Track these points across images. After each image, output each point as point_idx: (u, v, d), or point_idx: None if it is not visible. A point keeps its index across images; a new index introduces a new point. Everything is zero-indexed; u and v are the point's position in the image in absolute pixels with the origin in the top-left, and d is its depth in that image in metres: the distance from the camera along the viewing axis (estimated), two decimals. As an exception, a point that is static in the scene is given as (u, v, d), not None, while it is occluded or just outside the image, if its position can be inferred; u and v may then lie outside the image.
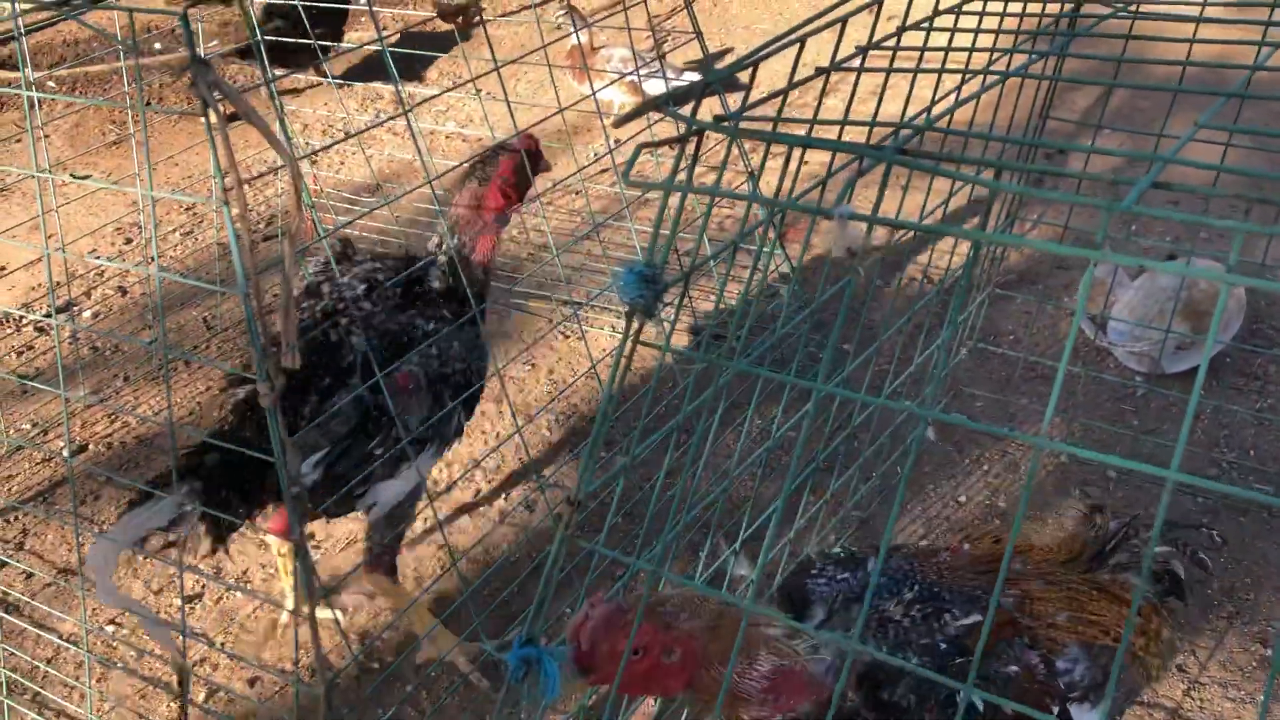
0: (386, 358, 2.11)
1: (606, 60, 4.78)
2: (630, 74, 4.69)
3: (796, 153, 1.25)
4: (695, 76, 4.80)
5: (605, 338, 3.37)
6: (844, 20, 1.25)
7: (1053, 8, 1.88)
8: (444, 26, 5.44)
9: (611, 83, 4.70)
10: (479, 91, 2.80)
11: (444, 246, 2.29)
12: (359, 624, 2.48)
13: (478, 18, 1.86)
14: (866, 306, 3.25)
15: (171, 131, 4.94)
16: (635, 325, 1.12)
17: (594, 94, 2.61)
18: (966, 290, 2.50)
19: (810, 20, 1.26)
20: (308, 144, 4.44)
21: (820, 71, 1.23)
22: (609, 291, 3.42)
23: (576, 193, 4.25)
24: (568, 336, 3.42)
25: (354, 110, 4.98)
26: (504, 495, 2.80)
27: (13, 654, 2.39)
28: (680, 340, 3.34)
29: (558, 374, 3.24)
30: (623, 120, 1.05)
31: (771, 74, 5.10)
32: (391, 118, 1.92)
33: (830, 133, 1.32)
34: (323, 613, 2.47)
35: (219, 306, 3.61)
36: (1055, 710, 1.58)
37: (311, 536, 2.65)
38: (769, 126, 1.15)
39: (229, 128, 1.41)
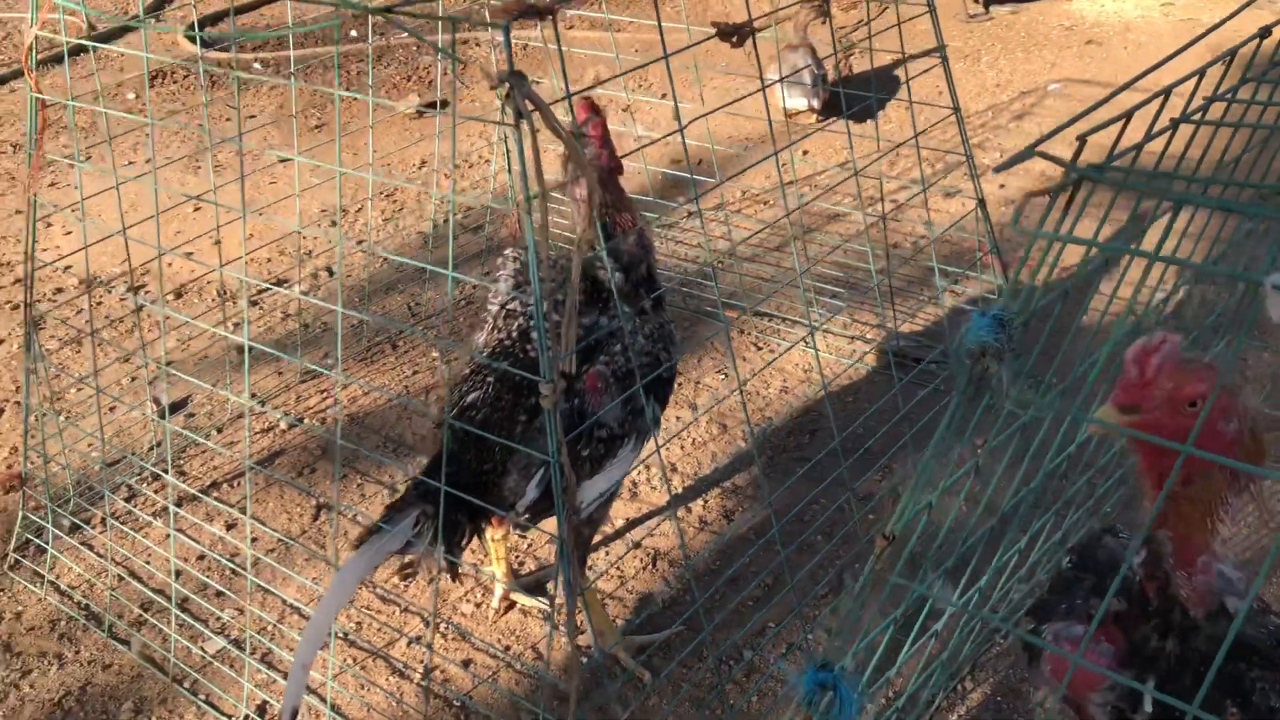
0: (577, 363, 2.15)
1: (793, 68, 4.78)
2: (800, 82, 4.68)
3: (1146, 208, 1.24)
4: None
5: (797, 353, 3.38)
6: (1201, 72, 1.24)
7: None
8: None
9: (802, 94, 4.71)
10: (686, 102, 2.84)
11: (588, 215, 2.27)
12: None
13: (752, 35, 1.90)
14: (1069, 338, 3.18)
15: (367, 119, 5.13)
16: (980, 369, 1.13)
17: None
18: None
19: (1157, 66, 1.26)
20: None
21: (1175, 124, 1.21)
22: (834, 313, 3.42)
23: (765, 203, 4.27)
24: (760, 348, 3.44)
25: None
26: (702, 500, 2.84)
27: (242, 613, 2.53)
28: (871, 359, 3.34)
29: (751, 384, 3.27)
30: (1004, 166, 1.06)
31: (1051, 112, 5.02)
32: (668, 135, 1.96)
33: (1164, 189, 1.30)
34: (529, 600, 2.55)
35: (423, 293, 3.74)
36: None
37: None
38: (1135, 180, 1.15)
39: (434, 114, 1.47)
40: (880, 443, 2.87)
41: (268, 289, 3.79)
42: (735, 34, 1.94)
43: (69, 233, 4.22)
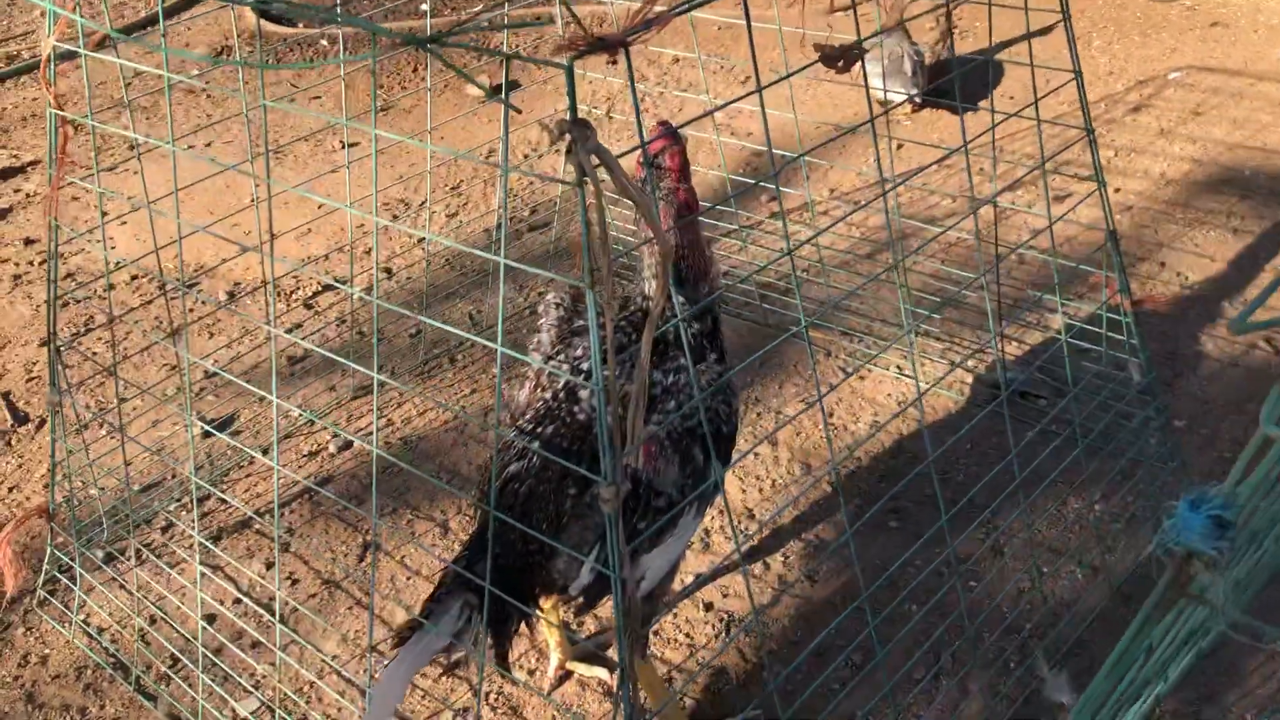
0: None
1: (891, 55, 4.41)
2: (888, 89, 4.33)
3: None
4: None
5: (890, 382, 3.07)
6: None
7: None
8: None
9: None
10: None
11: (663, 287, 1.99)
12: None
13: (861, 58, 1.63)
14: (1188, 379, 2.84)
15: (435, 102, 4.89)
16: (1185, 576, 0.84)
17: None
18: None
19: None
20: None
21: None
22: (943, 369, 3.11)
23: (857, 203, 3.94)
24: (849, 374, 3.14)
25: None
26: (782, 557, 2.57)
27: (279, 666, 2.33)
28: (963, 388, 3.02)
29: (838, 417, 2.97)
30: (1244, 328, 0.76)
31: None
32: (764, 179, 1.68)
33: None
34: (588, 670, 2.32)
35: (487, 299, 3.49)
36: None
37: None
38: None
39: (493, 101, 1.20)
40: (984, 492, 2.56)
41: (321, 290, 3.58)
42: (841, 58, 1.64)
43: (124, 222, 4.05)
